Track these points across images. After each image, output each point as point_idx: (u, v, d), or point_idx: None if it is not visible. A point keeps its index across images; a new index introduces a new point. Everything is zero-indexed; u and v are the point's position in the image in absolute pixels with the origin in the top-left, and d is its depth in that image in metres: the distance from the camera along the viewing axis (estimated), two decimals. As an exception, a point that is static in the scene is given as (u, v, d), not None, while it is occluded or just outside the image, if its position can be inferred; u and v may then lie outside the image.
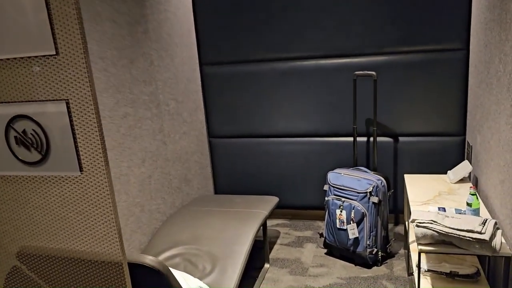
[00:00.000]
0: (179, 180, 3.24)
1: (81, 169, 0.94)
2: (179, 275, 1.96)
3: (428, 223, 1.94)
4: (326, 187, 3.02)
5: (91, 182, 0.94)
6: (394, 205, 3.41)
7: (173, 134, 3.14)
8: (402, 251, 3.06)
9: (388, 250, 2.96)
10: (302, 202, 3.64)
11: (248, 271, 2.95)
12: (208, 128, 3.75)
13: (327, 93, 3.35)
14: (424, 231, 1.94)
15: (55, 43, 0.89)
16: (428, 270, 2.21)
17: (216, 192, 3.89)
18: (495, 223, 1.87)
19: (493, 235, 1.82)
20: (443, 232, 1.89)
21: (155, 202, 2.89)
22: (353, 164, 3.31)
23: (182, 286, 1.91)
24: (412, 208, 2.30)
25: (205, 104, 3.68)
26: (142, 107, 2.76)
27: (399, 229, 3.40)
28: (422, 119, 3.20)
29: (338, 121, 3.38)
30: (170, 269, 2.05)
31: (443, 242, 1.94)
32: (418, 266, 2.05)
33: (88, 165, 0.92)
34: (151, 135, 2.86)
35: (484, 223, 1.86)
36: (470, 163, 2.73)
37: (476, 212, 2.10)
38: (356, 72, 3.11)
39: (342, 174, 2.94)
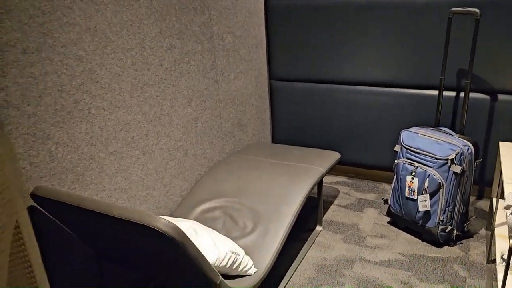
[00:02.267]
0: (232, 124, 2.94)
1: None
2: (209, 238, 1.70)
3: (529, 213, 1.47)
4: (397, 148, 2.56)
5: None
6: (481, 175, 2.86)
7: (227, 73, 2.81)
8: (483, 231, 2.57)
9: (465, 228, 2.49)
10: (369, 160, 3.20)
11: (298, 232, 2.66)
12: (269, 69, 3.35)
13: (411, 35, 2.77)
14: (522, 222, 1.48)
15: None
16: (517, 266, 1.75)
17: (273, 140, 3.56)
18: None
19: None
20: (551, 228, 1.41)
21: (201, 146, 2.63)
22: (435, 123, 2.78)
23: (210, 252, 1.66)
24: (506, 189, 1.81)
25: (267, 42, 3.26)
26: (192, 39, 2.43)
27: (483, 204, 2.87)
28: (533, 74, 2.54)
29: (422, 70, 2.81)
30: (201, 229, 1.80)
31: (547, 240, 1.48)
32: (508, 261, 1.61)
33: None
34: (201, 72, 2.54)
35: None
36: None
37: None
38: (453, 9, 2.48)
39: (419, 135, 2.45)
